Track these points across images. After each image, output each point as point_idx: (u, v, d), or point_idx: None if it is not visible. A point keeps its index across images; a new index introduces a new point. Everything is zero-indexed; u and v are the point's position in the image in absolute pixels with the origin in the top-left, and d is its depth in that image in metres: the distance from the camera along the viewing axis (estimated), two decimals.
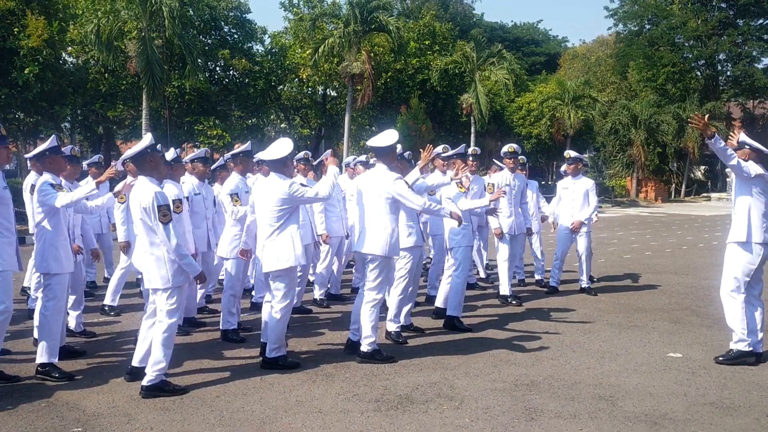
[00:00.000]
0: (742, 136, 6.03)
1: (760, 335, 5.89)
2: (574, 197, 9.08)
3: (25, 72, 20.43)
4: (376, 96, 32.62)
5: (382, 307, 6.24)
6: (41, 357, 5.25)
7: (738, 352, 5.78)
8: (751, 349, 5.76)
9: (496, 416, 4.60)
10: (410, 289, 6.67)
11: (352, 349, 5.98)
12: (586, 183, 9.15)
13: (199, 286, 6.89)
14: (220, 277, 8.22)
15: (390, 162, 5.94)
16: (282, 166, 5.52)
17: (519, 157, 8.73)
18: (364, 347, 5.80)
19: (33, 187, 7.44)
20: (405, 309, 6.72)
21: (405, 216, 6.31)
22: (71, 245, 5.70)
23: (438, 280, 7.86)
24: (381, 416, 4.58)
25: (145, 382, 4.89)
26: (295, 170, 7.37)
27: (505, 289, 8.33)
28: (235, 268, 6.57)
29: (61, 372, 5.27)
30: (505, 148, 8.46)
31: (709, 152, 48.82)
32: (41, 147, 5.78)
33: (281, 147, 5.57)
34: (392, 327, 6.47)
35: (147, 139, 5.14)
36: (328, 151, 6.81)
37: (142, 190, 4.93)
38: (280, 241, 5.45)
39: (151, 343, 4.97)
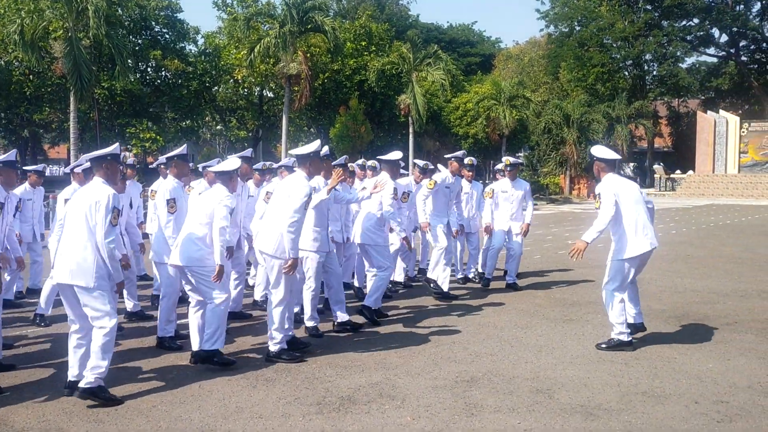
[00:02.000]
0: (593, 150, 6.50)
1: (637, 308, 6.52)
2: (513, 200, 9.33)
3: None
4: (314, 97, 32.52)
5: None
6: None
7: (618, 340, 6.24)
8: (629, 339, 6.24)
9: (437, 413, 4.64)
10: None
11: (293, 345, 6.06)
12: (524, 186, 9.41)
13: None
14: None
15: (310, 170, 6.06)
16: (227, 179, 5.83)
17: (468, 159, 9.34)
18: (272, 347, 5.90)
19: None
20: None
21: (314, 220, 6.38)
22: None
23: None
24: (323, 419, 4.56)
25: (82, 384, 4.74)
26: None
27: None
28: (172, 274, 6.41)
29: None
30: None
31: (637, 149, 50.28)
32: None
33: (228, 163, 6.01)
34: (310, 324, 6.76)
35: (113, 147, 5.19)
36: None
37: (97, 189, 4.90)
38: (203, 240, 5.65)
39: (90, 348, 4.83)
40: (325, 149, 6.68)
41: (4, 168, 5.73)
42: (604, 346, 6.24)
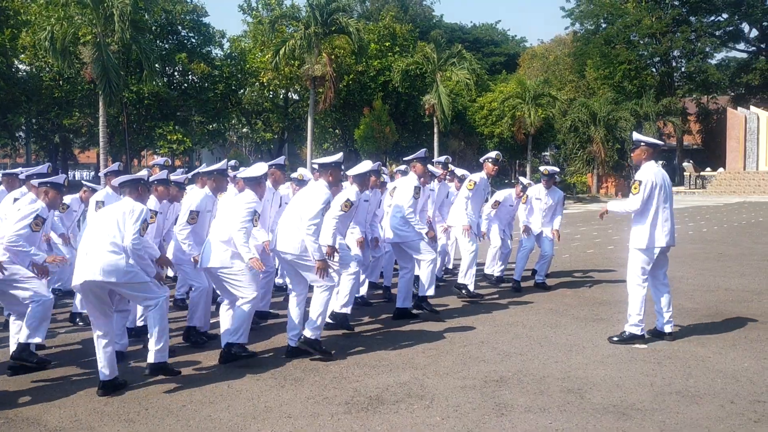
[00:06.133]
0: (635, 135, 6.47)
1: (667, 315, 6.33)
2: (545, 208, 9.29)
3: None
4: (339, 98, 32.60)
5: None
6: None
7: (630, 334, 6.25)
8: (642, 333, 6.24)
9: (467, 413, 4.60)
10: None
11: (292, 355, 5.97)
12: (558, 195, 9.34)
13: None
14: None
15: (330, 180, 6.10)
16: (255, 185, 5.93)
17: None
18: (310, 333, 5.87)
19: None
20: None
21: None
22: None
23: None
24: (351, 418, 4.54)
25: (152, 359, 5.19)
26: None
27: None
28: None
29: None
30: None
31: (666, 147, 49.66)
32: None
33: (255, 169, 6.02)
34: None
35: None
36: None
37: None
38: (229, 242, 5.83)
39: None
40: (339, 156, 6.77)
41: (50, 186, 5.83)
42: (615, 339, 6.27)
